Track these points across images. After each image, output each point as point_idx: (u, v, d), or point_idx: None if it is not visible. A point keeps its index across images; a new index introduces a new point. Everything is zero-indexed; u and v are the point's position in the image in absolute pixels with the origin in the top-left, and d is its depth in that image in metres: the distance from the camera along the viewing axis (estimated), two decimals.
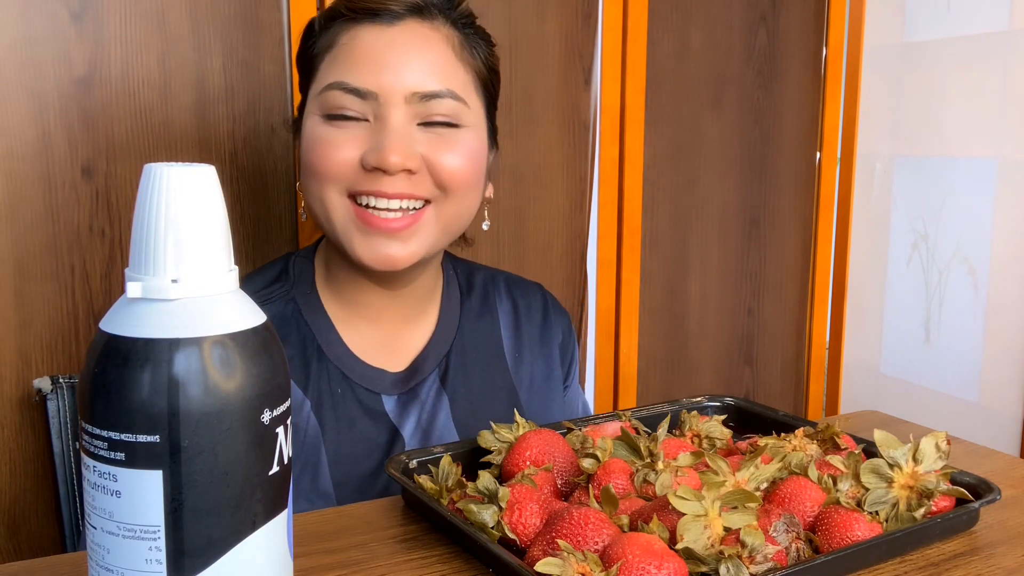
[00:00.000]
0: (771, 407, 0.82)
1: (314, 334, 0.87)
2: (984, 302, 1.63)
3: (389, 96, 0.81)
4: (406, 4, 0.83)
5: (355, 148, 0.81)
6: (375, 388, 0.88)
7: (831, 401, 1.93)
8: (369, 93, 0.81)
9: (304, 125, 0.85)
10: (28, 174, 1.06)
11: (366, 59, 0.81)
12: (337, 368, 0.87)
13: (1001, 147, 1.59)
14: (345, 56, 0.82)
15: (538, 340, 0.99)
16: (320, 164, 0.82)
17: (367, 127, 0.82)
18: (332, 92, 0.81)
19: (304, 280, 0.90)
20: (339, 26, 0.84)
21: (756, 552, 0.52)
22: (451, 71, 0.84)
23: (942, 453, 0.63)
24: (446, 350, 0.93)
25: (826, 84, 1.78)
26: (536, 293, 1.03)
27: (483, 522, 0.58)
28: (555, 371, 1.00)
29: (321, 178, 0.82)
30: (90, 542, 0.42)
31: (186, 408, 0.39)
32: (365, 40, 0.82)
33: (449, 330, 0.94)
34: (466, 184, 0.85)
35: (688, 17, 1.60)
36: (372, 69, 0.81)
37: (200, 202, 0.42)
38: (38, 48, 1.05)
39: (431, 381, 0.91)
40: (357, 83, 0.81)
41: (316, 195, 0.83)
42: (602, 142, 1.52)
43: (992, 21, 1.60)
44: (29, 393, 1.08)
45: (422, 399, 0.89)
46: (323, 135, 0.82)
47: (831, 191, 1.85)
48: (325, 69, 0.84)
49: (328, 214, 0.83)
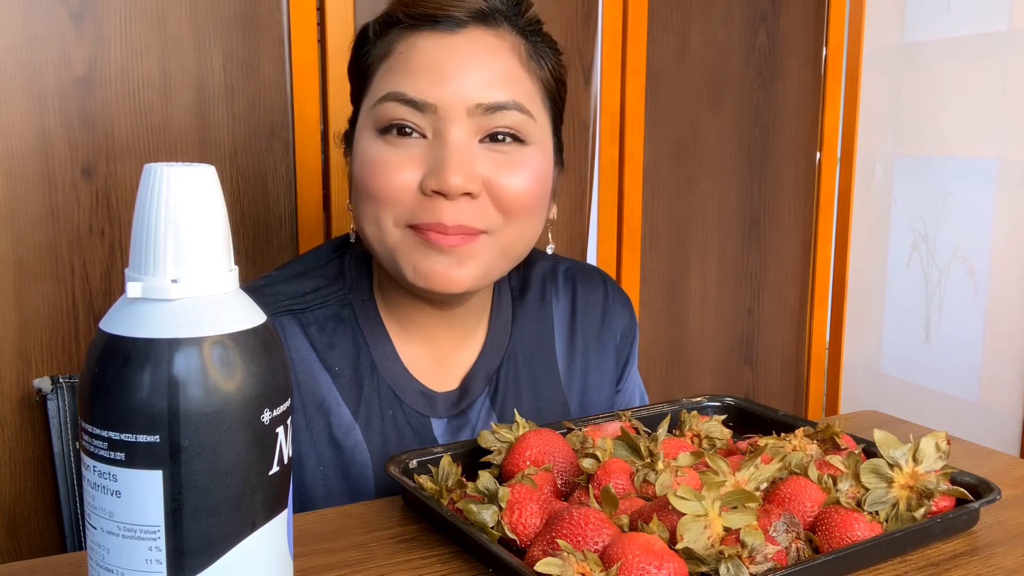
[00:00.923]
0: (771, 407, 0.82)
1: (368, 345, 0.83)
2: (984, 302, 1.63)
3: (450, 109, 0.75)
4: (469, 10, 0.77)
5: (413, 170, 0.75)
6: (425, 411, 0.84)
7: (831, 401, 1.93)
8: (428, 105, 0.75)
9: (357, 141, 0.79)
10: (28, 174, 1.06)
11: (425, 68, 0.75)
12: (389, 387, 0.82)
13: (1001, 147, 1.59)
14: (402, 65, 0.76)
15: (595, 340, 0.94)
16: (376, 188, 0.76)
17: (425, 145, 0.76)
18: (387, 104, 0.76)
19: (362, 285, 0.85)
20: (396, 33, 0.78)
21: (756, 552, 0.52)
22: (517, 81, 0.78)
23: (942, 453, 0.63)
24: (496, 365, 0.88)
25: (826, 84, 1.78)
26: (597, 285, 0.96)
27: (483, 522, 0.58)
28: (608, 375, 0.95)
29: (378, 202, 0.76)
30: (90, 542, 0.42)
31: (186, 408, 0.39)
32: (424, 48, 0.76)
33: (500, 343, 0.89)
34: (530, 208, 0.79)
35: (688, 17, 1.60)
36: (432, 79, 0.75)
37: (200, 202, 0.42)
38: (38, 48, 1.05)
39: (481, 402, 0.86)
40: (415, 94, 0.75)
41: (371, 218, 0.77)
42: (602, 142, 1.52)
43: (992, 21, 1.60)
44: (29, 393, 1.08)
45: (472, 423, 0.86)
46: (379, 155, 0.76)
47: (831, 191, 1.85)
48: (380, 79, 0.78)
49: (383, 239, 0.77)
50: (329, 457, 0.80)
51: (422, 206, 0.75)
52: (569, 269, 0.96)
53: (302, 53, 1.21)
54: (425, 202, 0.75)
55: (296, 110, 1.22)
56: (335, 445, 0.80)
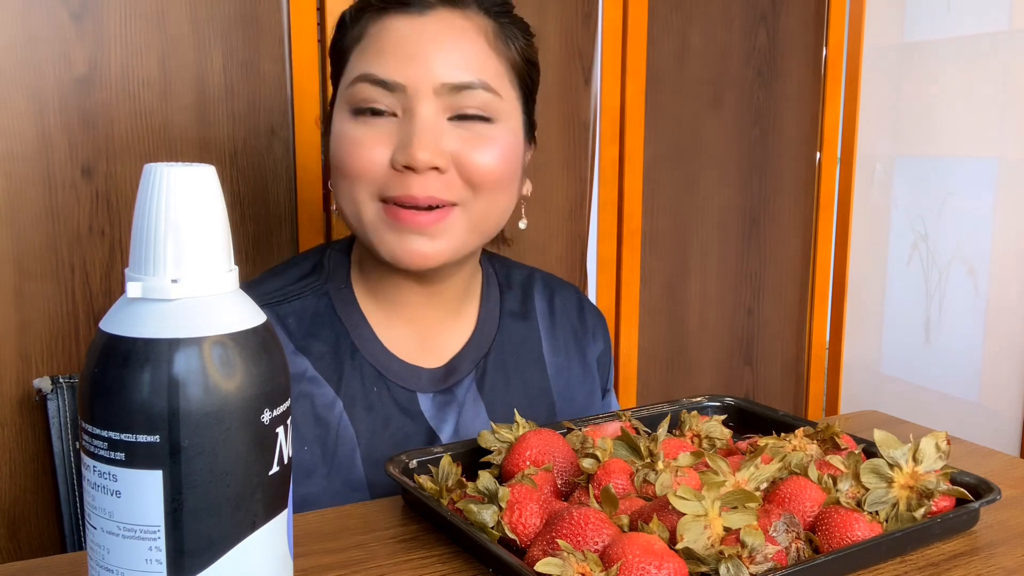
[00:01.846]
0: (771, 407, 0.82)
1: (347, 330, 0.85)
2: (984, 302, 1.63)
3: (417, 88, 0.78)
4: None
5: (384, 147, 0.78)
6: (410, 386, 0.85)
7: (831, 401, 1.93)
8: (397, 85, 0.78)
9: (333, 121, 0.83)
10: (28, 174, 1.06)
11: (394, 50, 0.79)
12: (372, 366, 0.84)
13: (1001, 147, 1.59)
14: (373, 47, 0.80)
15: (574, 343, 0.97)
16: (350, 164, 0.79)
17: (396, 123, 0.79)
18: (359, 85, 0.79)
19: (339, 274, 0.88)
20: (368, 17, 0.82)
21: (756, 552, 0.52)
22: (484, 61, 0.81)
23: (942, 453, 0.63)
24: (484, 351, 0.90)
25: (826, 84, 1.78)
26: (572, 295, 1.00)
27: (483, 522, 0.58)
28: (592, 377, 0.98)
29: (351, 178, 0.80)
30: (90, 542, 0.42)
31: (186, 408, 0.39)
32: (393, 30, 0.79)
33: (488, 331, 0.92)
34: (498, 183, 0.82)
35: (688, 17, 1.60)
36: (400, 60, 0.78)
37: (200, 202, 0.42)
38: (38, 48, 1.05)
39: (468, 383, 0.88)
40: (384, 75, 0.78)
41: (347, 195, 0.81)
42: (602, 142, 1.52)
43: (992, 21, 1.60)
44: (29, 393, 1.08)
45: (459, 401, 0.87)
46: (351, 133, 0.80)
47: (831, 191, 1.85)
48: (353, 62, 0.81)
49: (359, 214, 0.81)
50: (315, 437, 0.81)
51: (393, 180, 0.78)
52: (545, 277, 1.00)
53: (302, 53, 1.21)
54: (396, 176, 0.78)
55: (296, 110, 1.22)
56: (320, 423, 0.82)
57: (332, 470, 0.81)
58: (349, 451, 0.82)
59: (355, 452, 0.82)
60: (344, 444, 0.82)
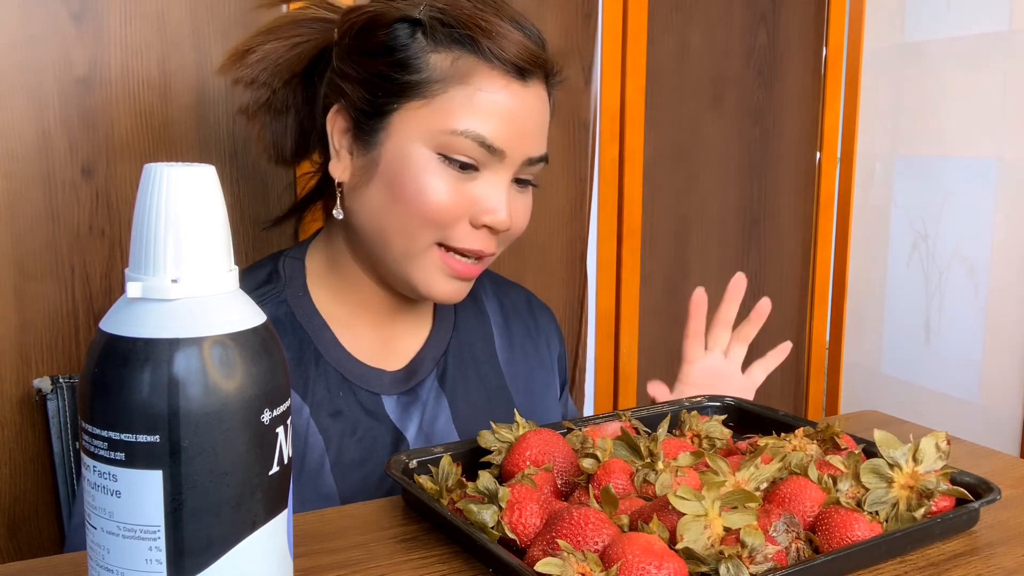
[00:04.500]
0: (771, 407, 0.82)
1: (310, 337, 0.86)
2: (984, 302, 1.63)
3: (513, 159, 0.81)
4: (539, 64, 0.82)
5: (467, 202, 0.81)
6: (375, 389, 0.87)
7: (831, 401, 1.93)
8: (499, 152, 0.80)
9: (405, 148, 0.81)
10: (28, 174, 1.06)
11: (508, 120, 0.80)
12: (336, 371, 0.86)
13: (1001, 147, 1.59)
14: (486, 108, 0.80)
15: (529, 339, 0.99)
16: (429, 209, 0.79)
17: (478, 179, 0.81)
18: (466, 141, 0.79)
19: (296, 282, 0.89)
20: (472, 62, 0.80)
21: (756, 552, 0.52)
22: (547, 135, 0.86)
23: (942, 453, 0.63)
24: (443, 349, 0.92)
25: (826, 84, 1.78)
26: (519, 292, 1.03)
27: (483, 522, 0.58)
28: (549, 374, 1.00)
29: (423, 219, 0.80)
30: (90, 542, 0.42)
31: (186, 408, 0.39)
32: (508, 97, 0.80)
33: (445, 329, 0.94)
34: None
35: (688, 17, 1.60)
36: (510, 131, 0.80)
37: (200, 202, 0.42)
38: (38, 48, 1.05)
39: (430, 382, 0.90)
40: (495, 142, 0.80)
41: (405, 229, 0.81)
42: (602, 142, 1.52)
43: (992, 21, 1.60)
44: (29, 393, 1.08)
45: (423, 400, 0.89)
46: (441, 179, 0.80)
47: (831, 191, 1.86)
48: (459, 108, 0.79)
49: (411, 251, 0.82)
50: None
51: (465, 232, 0.81)
52: (493, 276, 1.03)
53: None
54: (471, 232, 0.82)
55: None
56: None
57: (301, 478, 0.81)
58: (318, 458, 0.82)
59: (324, 458, 0.82)
60: (313, 451, 0.82)
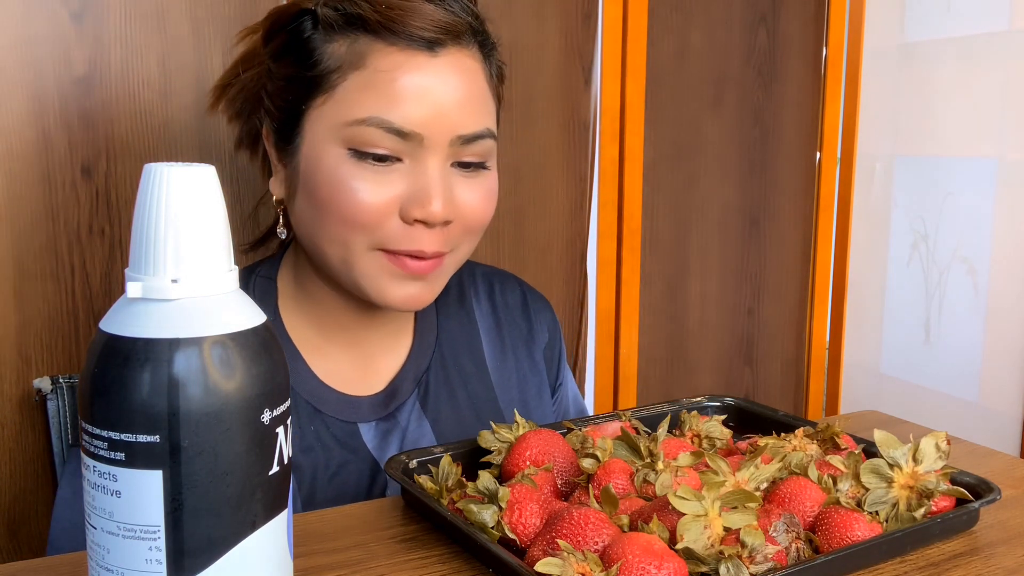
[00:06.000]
0: (771, 407, 0.82)
1: None
2: (984, 302, 1.63)
3: (434, 140, 0.73)
4: (447, 27, 0.73)
5: (392, 197, 0.73)
6: (350, 418, 0.81)
7: (831, 401, 1.93)
8: (414, 136, 0.72)
9: (316, 150, 0.74)
10: (28, 174, 1.06)
11: (414, 98, 0.72)
12: (307, 403, 0.80)
13: (1001, 147, 1.59)
14: (385, 88, 0.72)
15: (522, 343, 0.93)
16: (351, 212, 0.72)
17: (402, 170, 0.73)
18: (369, 129, 0.71)
19: (267, 303, 0.83)
20: (367, 41, 0.73)
21: (756, 552, 0.52)
22: (487, 105, 0.77)
23: (942, 453, 0.63)
24: (425, 366, 0.86)
25: (826, 84, 1.78)
26: (514, 288, 0.95)
27: (483, 522, 0.58)
28: (542, 377, 0.94)
29: (349, 226, 0.73)
30: (90, 542, 0.42)
31: (186, 408, 0.39)
32: (410, 72, 0.72)
33: (427, 343, 0.88)
34: (485, 226, 0.80)
35: (688, 17, 1.60)
36: (419, 109, 0.72)
37: (200, 202, 0.42)
38: (38, 48, 1.05)
39: (410, 405, 0.84)
40: (403, 125, 0.71)
41: (336, 240, 0.74)
42: (602, 142, 1.52)
43: (992, 21, 1.60)
44: (29, 393, 1.08)
45: (402, 426, 0.83)
46: (354, 179, 0.72)
47: (831, 191, 1.85)
48: (356, 95, 0.72)
49: (350, 261, 0.75)
50: None
51: (401, 233, 0.74)
52: (486, 273, 0.96)
53: None
54: (405, 230, 0.74)
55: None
56: None
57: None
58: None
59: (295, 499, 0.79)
60: None
